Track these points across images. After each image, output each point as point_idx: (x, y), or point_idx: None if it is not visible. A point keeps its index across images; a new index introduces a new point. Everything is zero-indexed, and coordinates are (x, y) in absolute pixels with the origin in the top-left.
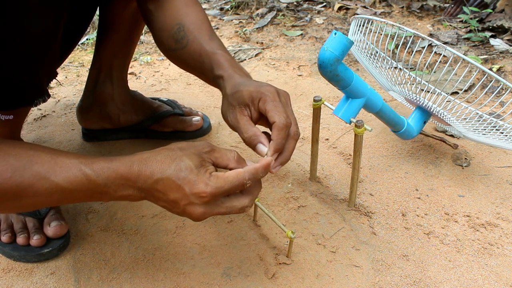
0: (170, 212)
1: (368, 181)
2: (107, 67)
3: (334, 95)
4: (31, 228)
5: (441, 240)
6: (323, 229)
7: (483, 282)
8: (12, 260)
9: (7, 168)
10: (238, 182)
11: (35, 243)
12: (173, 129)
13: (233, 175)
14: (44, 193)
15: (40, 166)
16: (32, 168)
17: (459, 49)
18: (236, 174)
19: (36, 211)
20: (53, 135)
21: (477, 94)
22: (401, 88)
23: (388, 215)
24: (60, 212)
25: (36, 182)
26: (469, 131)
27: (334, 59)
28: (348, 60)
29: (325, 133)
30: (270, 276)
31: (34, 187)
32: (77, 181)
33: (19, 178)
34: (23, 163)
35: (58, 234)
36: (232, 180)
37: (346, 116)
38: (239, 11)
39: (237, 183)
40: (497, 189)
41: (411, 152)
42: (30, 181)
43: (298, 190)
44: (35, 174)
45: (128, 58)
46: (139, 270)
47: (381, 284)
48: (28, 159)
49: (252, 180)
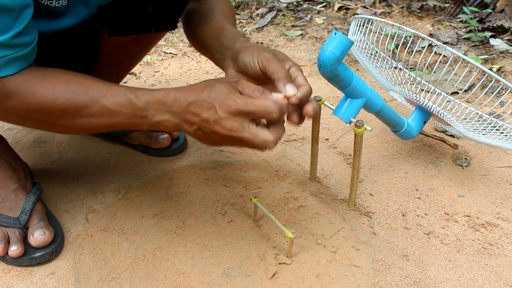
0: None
1: (368, 181)
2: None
3: (334, 95)
4: (12, 238)
5: (441, 240)
6: (323, 229)
7: (483, 282)
8: (5, 263)
9: (68, 91)
10: (264, 108)
11: (12, 254)
12: (139, 143)
13: (261, 100)
14: (96, 115)
15: (95, 91)
16: (88, 92)
17: (459, 49)
18: (264, 100)
19: (16, 220)
20: (53, 135)
21: (477, 94)
22: (401, 88)
23: (388, 215)
24: (45, 219)
25: (90, 104)
26: (469, 131)
27: (334, 59)
28: (348, 60)
29: (325, 133)
30: (270, 276)
31: (88, 108)
32: (122, 104)
33: (76, 100)
34: (81, 88)
35: (41, 244)
36: (258, 104)
37: (346, 116)
38: (239, 11)
39: (263, 108)
40: (497, 189)
41: (411, 152)
42: (86, 103)
43: (298, 190)
44: (90, 98)
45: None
46: (139, 270)
47: (381, 284)
48: (85, 85)
49: (279, 111)
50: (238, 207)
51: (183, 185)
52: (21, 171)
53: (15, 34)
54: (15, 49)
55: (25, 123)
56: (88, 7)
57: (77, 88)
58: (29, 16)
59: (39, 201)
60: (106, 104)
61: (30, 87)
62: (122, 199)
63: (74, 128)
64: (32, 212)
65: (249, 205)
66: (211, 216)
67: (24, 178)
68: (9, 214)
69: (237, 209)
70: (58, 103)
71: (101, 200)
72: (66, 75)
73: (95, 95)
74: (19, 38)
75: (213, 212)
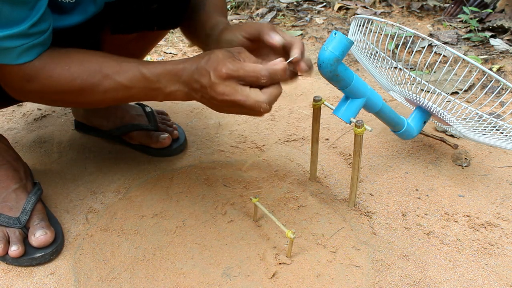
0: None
1: (368, 181)
2: None
3: (334, 95)
4: (12, 238)
5: (441, 240)
6: (323, 229)
7: (483, 282)
8: (5, 263)
9: (83, 71)
10: (254, 73)
11: (12, 254)
12: (139, 142)
13: (251, 65)
14: (111, 90)
15: (108, 69)
16: (102, 70)
17: (459, 49)
18: (254, 66)
19: (16, 220)
20: (53, 135)
21: (477, 94)
22: (401, 88)
23: (388, 215)
24: (46, 220)
25: (105, 81)
26: (469, 131)
27: (334, 59)
28: (348, 60)
29: (325, 133)
30: (270, 276)
31: (104, 85)
32: (135, 79)
33: (92, 79)
34: (95, 67)
35: (43, 244)
36: (248, 69)
37: (346, 116)
38: (239, 11)
39: (252, 73)
40: (497, 189)
41: (411, 152)
42: (101, 81)
43: (298, 190)
44: (105, 75)
45: None
46: (139, 270)
47: (381, 284)
48: (99, 64)
49: (268, 78)
50: (238, 207)
51: (183, 185)
52: (22, 172)
53: (32, 24)
54: (32, 37)
55: (46, 102)
56: (95, 4)
57: (91, 66)
58: (45, 4)
59: (40, 201)
60: (120, 80)
61: (48, 71)
62: (122, 199)
63: (92, 104)
64: (32, 212)
65: (249, 205)
66: (211, 216)
67: (25, 178)
68: (9, 214)
69: (237, 209)
70: (76, 84)
71: (101, 200)
72: (81, 54)
73: (109, 72)
74: (36, 27)
75: (213, 212)
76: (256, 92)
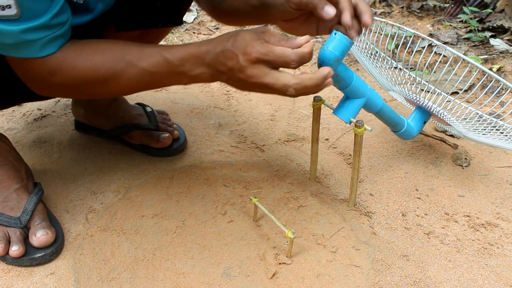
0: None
1: (368, 181)
2: None
3: (334, 95)
4: (12, 237)
5: (441, 240)
6: (323, 229)
7: (483, 282)
8: (5, 263)
9: (106, 60)
10: (283, 57)
11: (13, 254)
12: (140, 142)
13: (280, 49)
14: (136, 77)
15: (131, 56)
16: (125, 58)
17: (459, 49)
18: (284, 50)
19: (17, 220)
20: (53, 135)
21: (477, 94)
22: (401, 88)
23: (388, 215)
24: (47, 220)
25: (129, 69)
26: (469, 131)
27: (334, 59)
28: (348, 60)
29: (325, 133)
30: (270, 276)
31: (128, 73)
32: (159, 64)
33: (116, 68)
34: (118, 55)
35: (44, 244)
36: (277, 53)
37: (346, 116)
38: None
39: (282, 57)
40: (497, 189)
41: (411, 152)
42: (124, 69)
43: (298, 190)
44: (128, 63)
45: None
46: (139, 270)
47: (381, 284)
48: (122, 52)
49: (297, 62)
50: (238, 207)
51: (183, 185)
52: (23, 172)
53: (53, 15)
54: (54, 29)
55: (70, 95)
56: (103, 2)
57: (114, 55)
58: None
59: (40, 201)
60: (144, 66)
61: (71, 63)
62: (122, 199)
63: (118, 93)
64: (33, 213)
65: (249, 205)
66: (211, 216)
67: (26, 178)
68: (10, 214)
69: (237, 209)
70: (100, 74)
71: (101, 200)
72: (102, 43)
73: (132, 59)
74: (57, 18)
75: (213, 212)
76: (285, 76)
